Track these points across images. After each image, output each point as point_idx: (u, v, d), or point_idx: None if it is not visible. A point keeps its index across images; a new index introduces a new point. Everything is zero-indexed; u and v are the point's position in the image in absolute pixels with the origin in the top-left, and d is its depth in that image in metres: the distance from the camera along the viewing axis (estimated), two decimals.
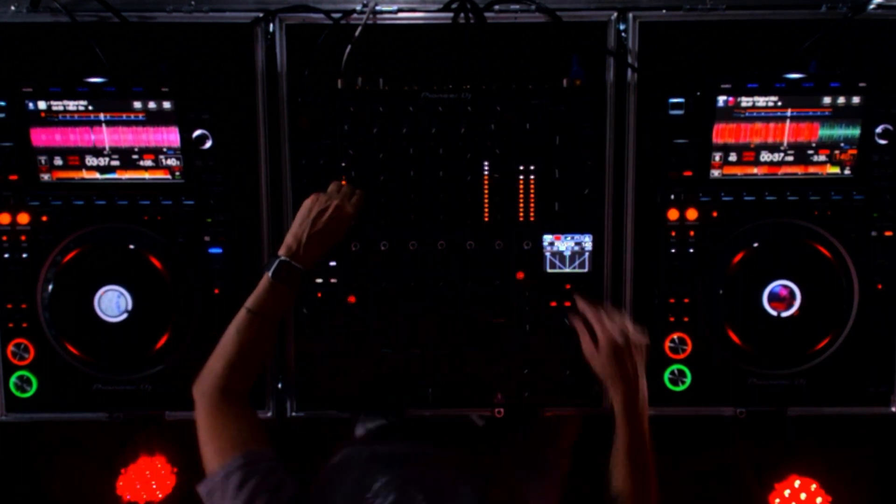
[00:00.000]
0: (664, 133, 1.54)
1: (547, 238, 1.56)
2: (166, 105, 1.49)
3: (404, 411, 1.60)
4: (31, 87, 1.47)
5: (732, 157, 1.53)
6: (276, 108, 1.54)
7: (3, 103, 1.49)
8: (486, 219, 1.55)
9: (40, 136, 1.50)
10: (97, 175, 1.53)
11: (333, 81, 1.51)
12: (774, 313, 1.52)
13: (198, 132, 1.52)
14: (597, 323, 1.40)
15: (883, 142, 1.51)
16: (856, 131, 1.51)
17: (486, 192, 1.54)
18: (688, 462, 2.24)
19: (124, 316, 1.51)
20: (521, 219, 1.55)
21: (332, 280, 1.56)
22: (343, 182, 1.53)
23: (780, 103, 1.50)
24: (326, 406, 1.60)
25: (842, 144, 1.52)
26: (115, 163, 1.53)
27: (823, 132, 1.51)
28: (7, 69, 1.51)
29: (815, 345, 1.54)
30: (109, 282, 1.50)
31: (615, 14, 1.52)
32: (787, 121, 1.51)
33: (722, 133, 1.52)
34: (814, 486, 1.82)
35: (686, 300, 1.57)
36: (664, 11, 1.53)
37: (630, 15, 1.51)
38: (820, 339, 1.54)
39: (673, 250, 1.56)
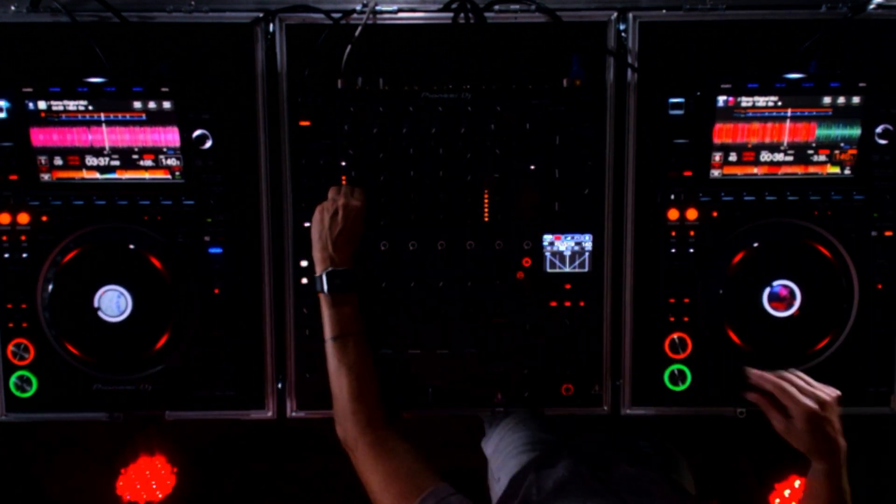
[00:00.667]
0: (664, 133, 1.54)
1: (547, 238, 1.56)
2: (166, 105, 1.49)
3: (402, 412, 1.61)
4: (31, 87, 1.47)
5: (732, 157, 1.53)
6: (276, 108, 1.54)
7: (3, 103, 1.49)
8: (486, 219, 1.55)
9: (40, 136, 1.50)
10: (97, 175, 1.53)
11: (333, 81, 1.51)
12: (774, 313, 1.52)
13: (198, 132, 1.52)
14: (786, 397, 1.33)
15: (883, 142, 1.52)
16: (856, 131, 1.51)
17: (486, 192, 1.54)
18: (687, 462, 2.24)
19: (124, 316, 1.51)
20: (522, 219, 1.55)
21: None
22: (343, 181, 1.53)
23: (780, 103, 1.50)
24: (326, 406, 1.60)
25: (842, 144, 1.52)
26: (115, 163, 1.52)
27: (823, 132, 1.51)
28: (7, 69, 1.51)
29: (815, 345, 1.54)
30: (109, 282, 1.50)
31: (615, 14, 1.52)
32: (787, 121, 1.51)
33: (722, 133, 1.52)
34: None
35: (686, 300, 1.57)
36: (664, 11, 1.53)
37: (630, 15, 1.51)
38: (820, 339, 1.54)
39: (673, 250, 1.56)
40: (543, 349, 1.57)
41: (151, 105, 1.49)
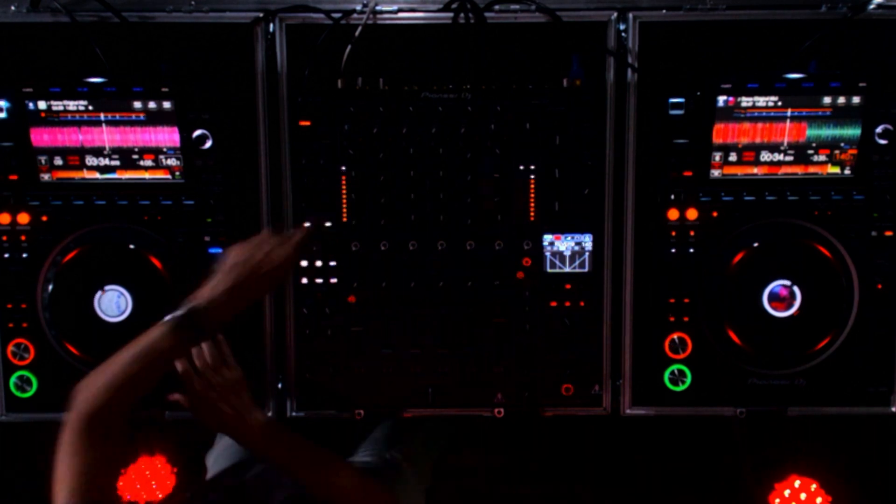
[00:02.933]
0: (664, 133, 1.53)
1: (547, 238, 1.56)
2: (166, 105, 1.49)
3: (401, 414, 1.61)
4: (31, 87, 1.47)
5: (732, 157, 1.53)
6: (276, 108, 1.54)
7: (3, 103, 1.49)
8: (486, 219, 1.55)
9: (40, 136, 1.50)
10: (97, 175, 1.53)
11: (333, 81, 1.51)
12: (774, 313, 1.52)
13: (198, 132, 1.52)
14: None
15: (883, 142, 1.51)
16: (856, 131, 1.51)
17: (486, 192, 1.54)
18: (688, 462, 2.24)
19: (124, 316, 1.51)
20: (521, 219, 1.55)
21: (332, 280, 1.56)
22: (343, 182, 1.53)
23: (780, 103, 1.50)
24: (326, 406, 1.60)
25: (842, 144, 1.52)
26: (115, 163, 1.52)
27: (823, 132, 1.51)
28: (7, 69, 1.51)
29: (815, 345, 1.54)
30: (109, 282, 1.50)
31: (615, 14, 1.52)
32: (787, 121, 1.51)
33: (722, 133, 1.51)
34: (814, 486, 1.82)
35: (686, 300, 1.57)
36: (664, 11, 1.52)
37: (630, 15, 1.51)
38: (820, 339, 1.54)
39: (673, 250, 1.56)
40: (543, 349, 1.57)
41: (151, 105, 1.49)
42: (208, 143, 1.52)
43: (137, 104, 1.49)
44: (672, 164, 1.54)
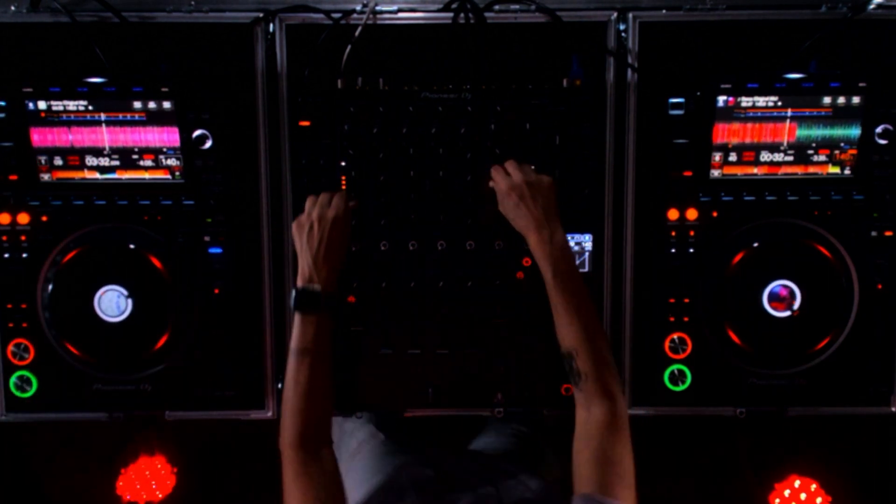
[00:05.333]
0: (664, 133, 1.54)
1: None
2: (166, 105, 1.49)
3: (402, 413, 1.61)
4: (31, 87, 1.47)
5: (732, 157, 1.53)
6: (276, 108, 1.54)
7: (3, 103, 1.49)
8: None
9: (40, 136, 1.50)
10: (97, 175, 1.53)
11: (333, 81, 1.51)
12: (774, 313, 1.52)
13: (198, 132, 1.52)
14: (499, 178, 1.46)
15: (883, 142, 1.52)
16: (856, 131, 1.51)
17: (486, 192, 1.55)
18: (688, 462, 2.25)
19: (124, 316, 1.51)
20: None
21: None
22: (343, 181, 1.53)
23: (780, 103, 1.50)
24: None
25: (842, 144, 1.52)
26: (115, 163, 1.52)
27: (823, 132, 1.51)
28: (7, 69, 1.51)
29: (815, 345, 1.54)
30: (109, 282, 1.50)
31: (615, 14, 1.52)
32: (788, 121, 1.51)
33: (722, 133, 1.52)
34: (814, 486, 1.83)
35: (686, 300, 1.57)
36: (664, 11, 1.53)
37: (630, 15, 1.51)
38: (820, 339, 1.54)
39: (673, 250, 1.56)
40: (543, 349, 1.57)
41: (151, 105, 1.49)
42: (208, 143, 1.52)
43: (137, 104, 1.49)
44: (672, 164, 1.54)
